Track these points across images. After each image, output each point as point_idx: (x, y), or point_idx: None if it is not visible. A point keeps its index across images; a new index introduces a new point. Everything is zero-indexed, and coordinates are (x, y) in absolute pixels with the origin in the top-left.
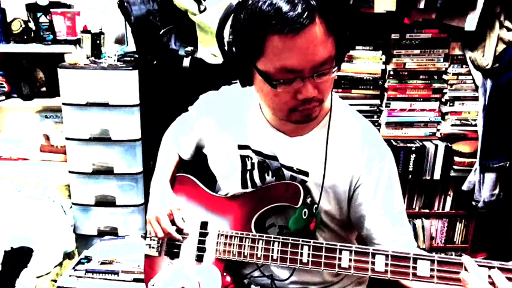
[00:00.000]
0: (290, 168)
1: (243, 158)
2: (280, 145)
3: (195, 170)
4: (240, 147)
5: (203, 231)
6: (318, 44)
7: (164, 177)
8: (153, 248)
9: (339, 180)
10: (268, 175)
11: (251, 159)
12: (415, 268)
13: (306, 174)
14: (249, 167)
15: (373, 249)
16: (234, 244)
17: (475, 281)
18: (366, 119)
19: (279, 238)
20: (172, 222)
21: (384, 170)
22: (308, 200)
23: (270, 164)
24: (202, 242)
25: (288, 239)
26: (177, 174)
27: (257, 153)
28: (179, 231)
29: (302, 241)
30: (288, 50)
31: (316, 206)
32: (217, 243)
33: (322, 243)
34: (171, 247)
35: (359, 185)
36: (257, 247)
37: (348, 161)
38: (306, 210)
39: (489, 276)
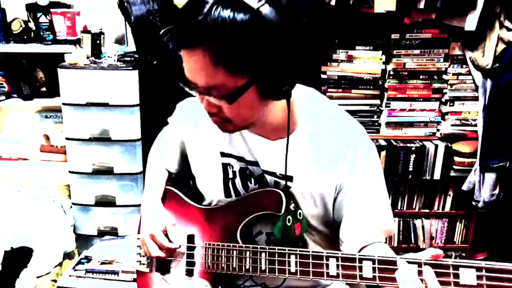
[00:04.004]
0: (273, 174)
1: (225, 166)
2: (261, 150)
3: (183, 180)
4: (222, 154)
5: (190, 245)
6: (201, 68)
7: (155, 194)
8: (143, 264)
9: (324, 182)
10: (251, 183)
11: (232, 167)
12: None
13: (290, 179)
14: (230, 176)
15: (360, 255)
16: (221, 256)
17: (405, 280)
18: (350, 116)
19: (266, 248)
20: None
21: (365, 171)
22: (291, 206)
23: (252, 170)
24: (190, 256)
25: (275, 249)
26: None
27: (239, 159)
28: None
29: (289, 250)
30: (184, 61)
31: (300, 211)
32: (205, 256)
33: (309, 251)
34: (161, 263)
35: (342, 187)
36: (245, 258)
37: (334, 163)
38: (289, 217)
39: (420, 272)
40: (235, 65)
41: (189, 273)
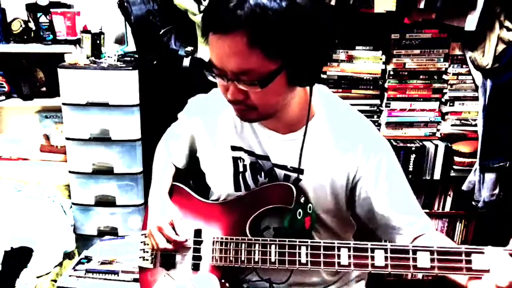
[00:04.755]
0: (283, 167)
1: (235, 160)
2: (272, 144)
3: (189, 176)
4: (233, 148)
5: (197, 239)
6: (236, 52)
7: (162, 188)
8: (146, 260)
9: (335, 175)
10: (261, 176)
11: (243, 160)
12: (415, 260)
13: (300, 171)
14: (241, 169)
15: (372, 244)
16: (230, 250)
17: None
18: (361, 114)
19: (276, 240)
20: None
21: (381, 162)
22: (302, 200)
23: (262, 164)
24: (197, 250)
25: (285, 241)
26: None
27: (250, 153)
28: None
29: (299, 242)
30: (214, 47)
31: (310, 205)
32: (212, 250)
33: (320, 242)
34: (165, 258)
35: (358, 180)
36: (254, 251)
37: (343, 156)
38: (300, 210)
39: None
40: (271, 49)
41: (195, 267)
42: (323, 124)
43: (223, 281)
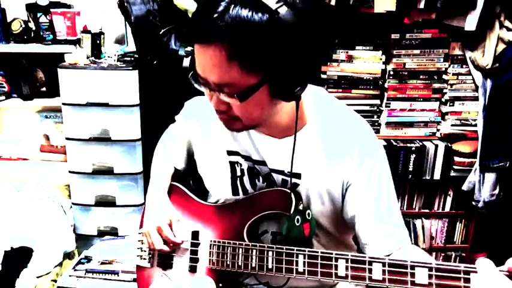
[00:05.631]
0: (281, 172)
1: (232, 165)
2: (268, 149)
3: (189, 178)
4: (229, 153)
5: (194, 241)
6: (216, 64)
7: (161, 188)
8: (144, 259)
9: (332, 178)
10: (259, 181)
11: (240, 165)
12: (413, 275)
13: (298, 176)
14: (238, 174)
15: (370, 257)
16: (227, 254)
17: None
18: (358, 115)
19: (273, 247)
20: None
21: (374, 168)
22: (300, 207)
23: (259, 169)
24: (194, 252)
25: (282, 248)
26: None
27: (246, 158)
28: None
29: (297, 250)
30: (197, 56)
31: (309, 211)
32: (210, 253)
33: (317, 252)
34: (163, 258)
35: (350, 184)
36: (251, 257)
37: (340, 159)
38: (298, 217)
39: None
40: (250, 63)
41: (192, 269)
42: (317, 128)
43: (220, 285)
